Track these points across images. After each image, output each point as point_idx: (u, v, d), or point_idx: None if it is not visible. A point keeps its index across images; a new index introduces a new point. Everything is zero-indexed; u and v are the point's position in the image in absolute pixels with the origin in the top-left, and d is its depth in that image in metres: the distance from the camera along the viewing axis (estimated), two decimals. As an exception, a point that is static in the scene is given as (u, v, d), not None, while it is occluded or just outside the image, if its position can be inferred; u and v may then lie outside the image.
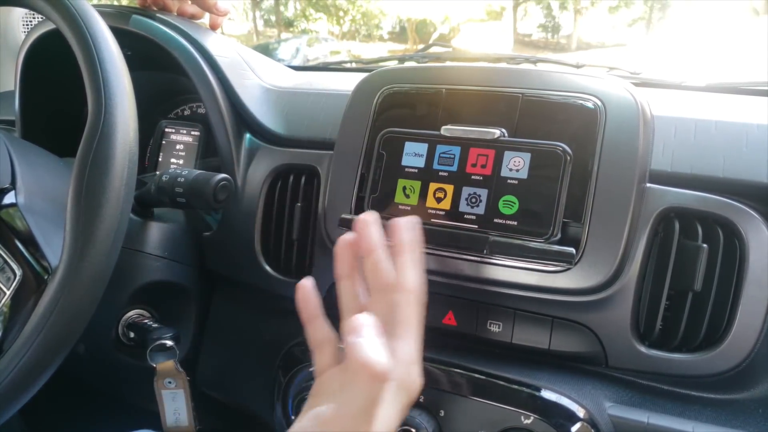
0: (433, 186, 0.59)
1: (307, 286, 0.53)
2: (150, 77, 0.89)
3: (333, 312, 0.68)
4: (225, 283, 0.80)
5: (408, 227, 0.50)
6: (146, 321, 0.71)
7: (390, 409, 0.43)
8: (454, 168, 0.58)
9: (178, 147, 0.90)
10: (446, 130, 0.59)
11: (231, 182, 0.67)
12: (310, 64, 1.19)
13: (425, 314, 0.49)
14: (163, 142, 0.92)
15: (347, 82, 0.74)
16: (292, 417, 0.63)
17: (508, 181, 0.56)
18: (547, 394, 0.54)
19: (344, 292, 0.53)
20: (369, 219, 0.51)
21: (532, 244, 0.54)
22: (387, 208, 0.61)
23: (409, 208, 0.60)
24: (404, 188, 0.60)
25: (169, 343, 0.66)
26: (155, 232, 0.72)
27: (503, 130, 0.57)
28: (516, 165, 0.56)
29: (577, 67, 0.87)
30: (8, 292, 0.54)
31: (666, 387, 0.56)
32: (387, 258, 0.49)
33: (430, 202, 0.59)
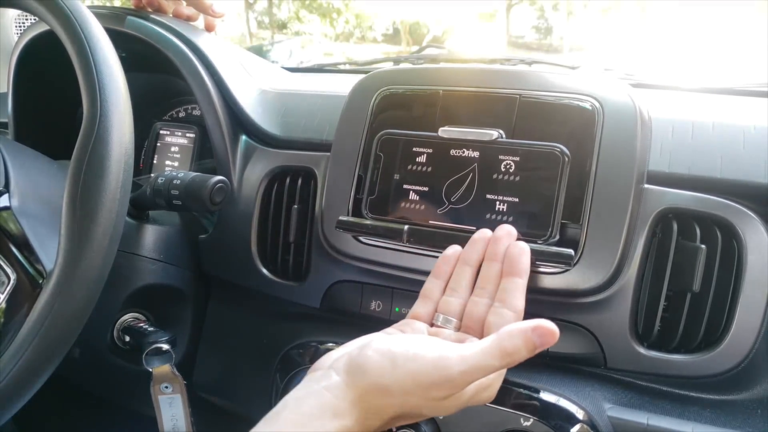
0: (430, 188, 0.59)
1: (454, 252, 0.53)
2: (145, 79, 0.88)
3: (330, 313, 0.68)
4: (221, 286, 0.79)
5: (527, 254, 0.50)
6: (142, 325, 0.71)
7: (458, 402, 0.43)
8: (452, 170, 0.58)
9: (173, 149, 0.90)
10: (444, 131, 0.59)
11: (227, 184, 0.67)
12: (304, 65, 1.18)
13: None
14: (158, 144, 0.91)
15: (343, 84, 0.74)
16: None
17: (506, 182, 0.56)
18: (547, 396, 0.54)
19: (431, 286, 0.53)
20: (507, 233, 0.52)
21: (531, 246, 0.53)
22: (384, 210, 0.60)
23: (406, 210, 0.59)
24: (402, 190, 0.60)
25: (165, 347, 0.66)
26: (151, 235, 0.72)
27: (501, 131, 0.57)
28: (514, 166, 0.56)
29: (573, 68, 0.87)
30: (2, 297, 0.53)
31: (665, 388, 0.56)
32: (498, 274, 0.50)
33: (428, 203, 0.59)
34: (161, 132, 0.91)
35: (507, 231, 0.52)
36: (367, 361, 0.42)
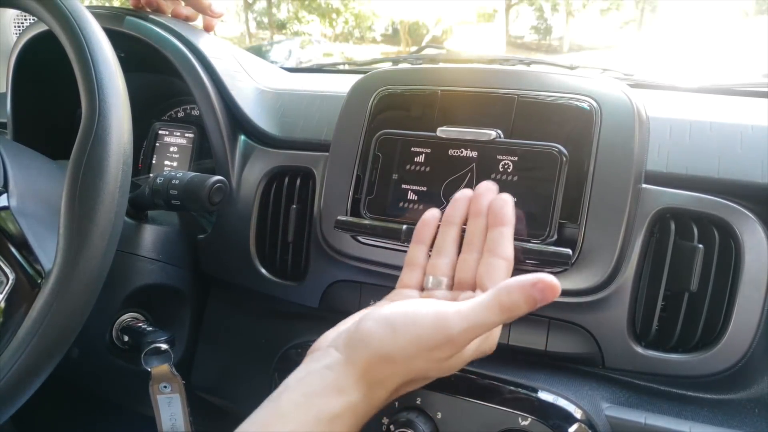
0: (429, 188, 0.59)
1: (433, 216, 0.53)
2: (144, 79, 0.88)
3: (329, 313, 0.68)
4: (220, 285, 0.79)
5: (511, 204, 0.50)
6: (141, 324, 0.71)
7: (461, 359, 0.43)
8: (450, 170, 0.58)
9: (172, 149, 0.90)
10: (442, 131, 0.59)
11: (226, 184, 0.67)
12: (303, 66, 1.19)
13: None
14: (157, 144, 0.91)
15: (342, 84, 0.74)
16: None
17: (504, 182, 0.56)
18: (544, 396, 0.54)
19: (416, 252, 0.53)
20: (487, 189, 0.51)
21: (528, 246, 0.54)
22: (383, 210, 0.61)
23: (405, 209, 0.60)
24: (400, 190, 0.60)
25: (164, 346, 0.66)
26: (149, 235, 0.72)
27: (499, 131, 0.57)
28: (512, 166, 0.56)
29: (571, 68, 0.87)
30: (1, 297, 0.53)
31: (663, 387, 0.56)
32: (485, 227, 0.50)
33: (427, 203, 0.59)
34: (160, 132, 0.91)
35: (488, 187, 0.51)
36: (367, 333, 0.41)
